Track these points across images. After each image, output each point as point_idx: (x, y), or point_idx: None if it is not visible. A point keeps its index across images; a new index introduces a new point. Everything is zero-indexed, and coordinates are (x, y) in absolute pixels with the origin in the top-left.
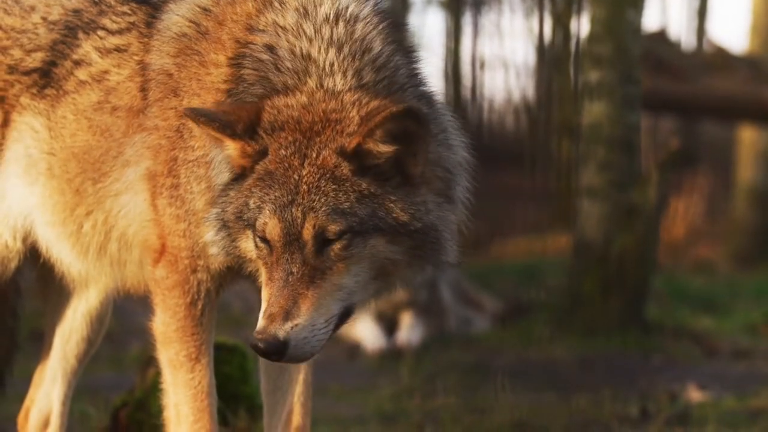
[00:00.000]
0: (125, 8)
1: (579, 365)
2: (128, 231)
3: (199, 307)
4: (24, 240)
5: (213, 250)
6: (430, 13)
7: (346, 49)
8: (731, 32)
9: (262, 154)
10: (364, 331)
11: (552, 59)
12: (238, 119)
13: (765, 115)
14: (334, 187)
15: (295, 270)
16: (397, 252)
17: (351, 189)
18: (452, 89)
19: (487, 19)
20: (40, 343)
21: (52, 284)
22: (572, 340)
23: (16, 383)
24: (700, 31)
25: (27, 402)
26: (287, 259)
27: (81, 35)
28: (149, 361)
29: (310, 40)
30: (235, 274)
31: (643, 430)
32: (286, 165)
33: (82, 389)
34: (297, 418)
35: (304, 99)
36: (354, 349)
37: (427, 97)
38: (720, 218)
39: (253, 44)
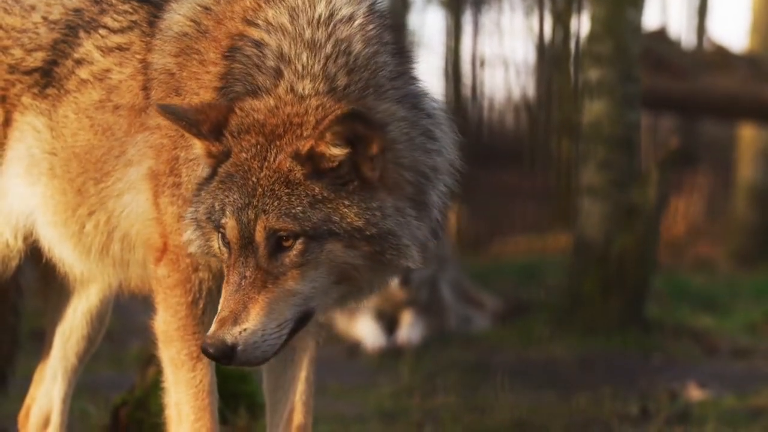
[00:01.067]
0: (126, 7)
1: (579, 364)
2: (131, 231)
3: (201, 306)
4: (25, 239)
5: (191, 249)
6: (430, 12)
7: (321, 53)
8: (731, 31)
9: (226, 155)
10: (364, 329)
11: (552, 58)
12: (206, 119)
13: (765, 113)
14: (287, 191)
15: (248, 274)
16: (356, 257)
17: (304, 193)
18: (452, 88)
19: (488, 17)
20: (40, 342)
21: (52, 283)
22: (572, 340)
23: (17, 382)
24: (700, 29)
25: (28, 400)
26: (242, 263)
27: (82, 34)
28: (149, 359)
29: (292, 41)
30: None
31: (644, 429)
32: (246, 168)
33: (82, 388)
34: (299, 417)
35: (271, 102)
36: (354, 348)
37: (412, 99)
38: (720, 217)
39: (246, 37)
